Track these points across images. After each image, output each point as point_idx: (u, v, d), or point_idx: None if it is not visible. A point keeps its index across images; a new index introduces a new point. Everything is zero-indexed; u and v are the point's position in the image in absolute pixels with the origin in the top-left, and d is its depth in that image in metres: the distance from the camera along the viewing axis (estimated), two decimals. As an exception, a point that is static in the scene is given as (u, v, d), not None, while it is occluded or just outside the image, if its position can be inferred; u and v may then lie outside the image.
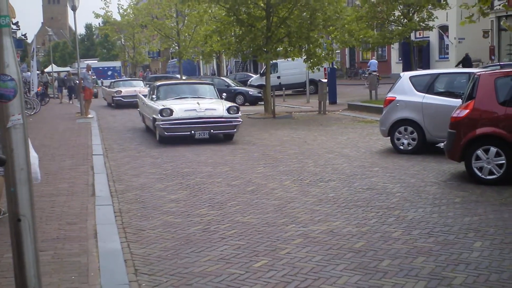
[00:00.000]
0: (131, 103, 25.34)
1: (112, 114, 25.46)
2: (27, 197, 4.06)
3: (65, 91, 36.26)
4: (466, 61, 30.39)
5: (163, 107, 14.34)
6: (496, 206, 7.60)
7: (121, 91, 28.56)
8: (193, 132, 14.14)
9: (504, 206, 7.56)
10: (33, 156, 7.29)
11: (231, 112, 14.50)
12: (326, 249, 5.96)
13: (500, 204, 7.71)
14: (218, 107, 14.66)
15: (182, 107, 14.51)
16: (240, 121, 14.73)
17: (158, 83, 17.49)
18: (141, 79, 42.83)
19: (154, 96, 15.96)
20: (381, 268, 5.35)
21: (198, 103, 14.87)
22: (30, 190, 4.09)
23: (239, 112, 14.81)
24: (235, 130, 14.66)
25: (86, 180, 9.92)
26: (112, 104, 28.94)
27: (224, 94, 17.09)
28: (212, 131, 14.27)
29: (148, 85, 28.87)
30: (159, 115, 14.14)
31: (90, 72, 25.13)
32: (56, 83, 39.14)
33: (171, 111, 14.18)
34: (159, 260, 5.77)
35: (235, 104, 15.48)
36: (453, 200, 7.98)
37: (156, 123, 14.37)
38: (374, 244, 6.07)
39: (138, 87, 27.97)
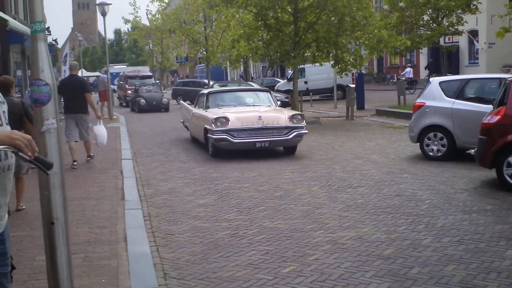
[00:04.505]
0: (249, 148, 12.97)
1: (139, 118, 25.70)
2: (60, 201, 4.12)
3: (95, 96, 36.75)
4: (431, 65, 36.28)
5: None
6: (528, 214, 7.47)
7: (228, 120, 12.74)
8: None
9: (537, 214, 7.43)
10: (104, 130, 12.65)
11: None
12: (355, 255, 5.93)
13: (532, 212, 7.59)
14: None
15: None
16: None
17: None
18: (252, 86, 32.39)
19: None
20: (410, 276, 5.30)
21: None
22: (64, 194, 4.15)
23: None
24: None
25: (115, 184, 10.03)
26: (211, 149, 13.44)
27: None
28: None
29: (172, 91, 29.18)
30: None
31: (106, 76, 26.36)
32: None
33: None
34: (188, 265, 5.80)
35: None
36: (484, 207, 7.88)
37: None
38: (403, 251, 6.01)
39: (264, 106, 14.33)
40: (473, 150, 9.75)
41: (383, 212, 7.73)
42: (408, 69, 38.59)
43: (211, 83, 36.12)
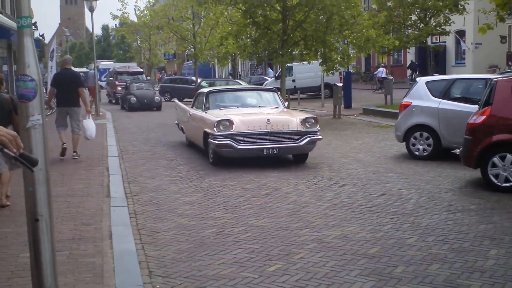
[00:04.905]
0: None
1: (127, 115, 25.60)
2: (45, 197, 4.10)
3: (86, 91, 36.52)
4: (412, 65, 39.18)
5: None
6: (512, 214, 7.54)
7: (232, 123, 11.42)
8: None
9: (520, 214, 7.50)
10: (93, 124, 12.85)
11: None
12: (340, 254, 5.95)
13: (516, 212, 7.65)
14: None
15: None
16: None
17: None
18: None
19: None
20: (395, 275, 5.33)
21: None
22: (48, 190, 4.13)
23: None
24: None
25: (101, 181, 9.99)
26: (211, 155, 11.96)
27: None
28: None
29: (160, 88, 28.82)
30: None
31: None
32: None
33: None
34: (173, 263, 5.79)
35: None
36: (468, 207, 7.93)
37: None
38: (388, 250, 6.05)
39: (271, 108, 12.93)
40: (458, 150, 9.81)
41: (368, 211, 7.77)
42: (380, 69, 38.90)
43: (199, 80, 36.06)
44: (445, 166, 11.10)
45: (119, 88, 33.80)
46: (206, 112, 12.42)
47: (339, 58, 21.48)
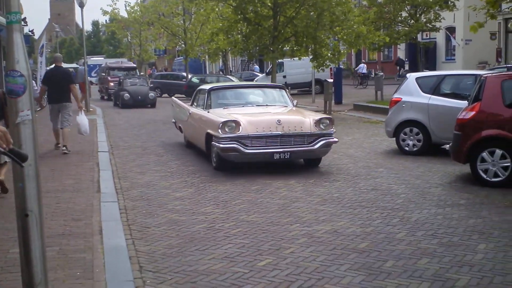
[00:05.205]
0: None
1: (118, 111, 25.53)
2: (35, 193, 4.09)
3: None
4: (399, 61, 40.24)
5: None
6: (501, 208, 7.60)
7: (238, 124, 10.33)
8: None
9: (509, 209, 7.56)
10: (86, 120, 13.00)
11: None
12: (330, 249, 5.98)
13: (505, 206, 7.71)
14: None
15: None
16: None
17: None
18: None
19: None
20: (385, 269, 5.36)
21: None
22: (38, 186, 4.12)
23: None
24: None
25: (91, 176, 9.96)
26: (215, 160, 10.88)
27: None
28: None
29: (150, 83, 28.47)
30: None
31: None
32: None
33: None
34: (164, 258, 5.80)
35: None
36: (457, 202, 7.99)
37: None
38: (378, 245, 6.08)
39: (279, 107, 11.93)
40: (448, 145, 9.87)
41: (358, 206, 7.80)
42: (361, 65, 39.20)
43: (190, 76, 36.02)
44: (434, 161, 11.16)
45: (112, 84, 32.99)
46: (208, 112, 11.36)
47: (329, 54, 21.52)
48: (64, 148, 12.58)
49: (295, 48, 21.69)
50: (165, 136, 15.95)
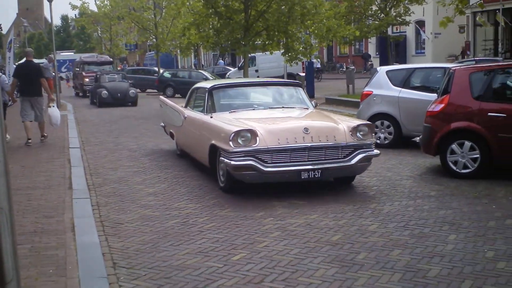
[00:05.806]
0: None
1: (89, 107, 25.25)
2: (4, 189, 4.01)
3: None
4: (365, 55, 43.35)
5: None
6: (470, 199, 7.73)
7: (255, 135, 7.96)
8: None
9: (478, 200, 7.69)
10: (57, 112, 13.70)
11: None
12: (304, 242, 6.02)
13: (474, 197, 7.84)
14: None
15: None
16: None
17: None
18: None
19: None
20: (357, 261, 5.42)
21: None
22: (8, 182, 4.05)
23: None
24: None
25: (63, 173, 9.86)
26: (222, 179, 8.58)
27: None
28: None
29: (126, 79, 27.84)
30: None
31: (51, 64, 25.88)
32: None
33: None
34: (137, 254, 5.78)
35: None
36: (428, 193, 8.10)
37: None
38: (351, 237, 6.14)
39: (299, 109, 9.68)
40: (418, 138, 10.00)
41: (331, 199, 7.86)
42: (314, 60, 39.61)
43: (161, 71, 35.80)
44: (405, 153, 11.29)
45: (87, 80, 31.25)
46: (211, 117, 9.12)
47: (301, 48, 21.56)
48: (43, 138, 13.39)
49: (266, 42, 21.69)
50: (137, 131, 15.84)
